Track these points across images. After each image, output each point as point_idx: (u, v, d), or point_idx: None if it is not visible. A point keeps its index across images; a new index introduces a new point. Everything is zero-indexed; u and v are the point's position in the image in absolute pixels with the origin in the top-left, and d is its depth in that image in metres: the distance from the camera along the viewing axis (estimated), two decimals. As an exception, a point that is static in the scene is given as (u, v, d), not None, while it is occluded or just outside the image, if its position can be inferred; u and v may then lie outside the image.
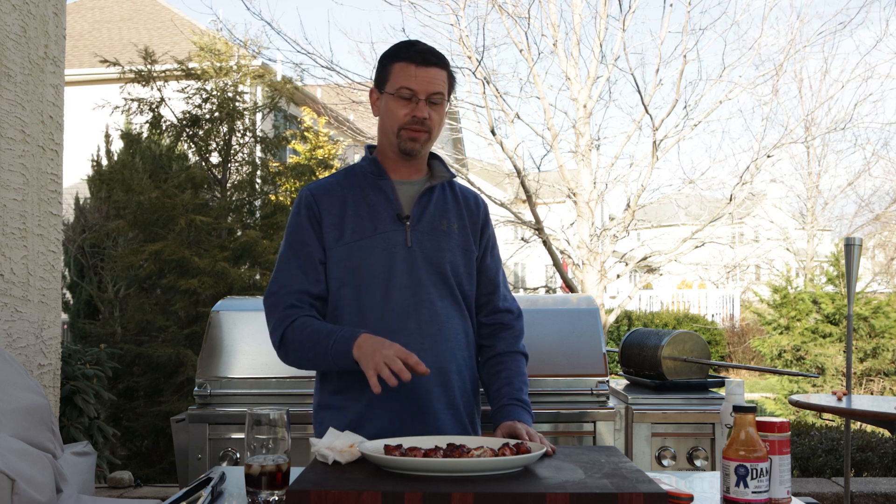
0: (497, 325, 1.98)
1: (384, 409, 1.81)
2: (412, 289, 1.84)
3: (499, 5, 7.29)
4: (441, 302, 1.87)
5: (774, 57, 10.90)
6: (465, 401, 1.91)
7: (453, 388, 1.87)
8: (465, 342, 1.92)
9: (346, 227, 1.87)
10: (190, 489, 1.48)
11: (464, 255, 1.92)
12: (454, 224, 1.92)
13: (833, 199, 15.76)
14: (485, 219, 2.00)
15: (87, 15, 15.23)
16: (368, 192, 1.90)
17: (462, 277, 1.91)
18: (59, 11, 3.24)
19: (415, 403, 1.82)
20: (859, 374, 8.81)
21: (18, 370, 2.31)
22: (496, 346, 1.96)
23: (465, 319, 1.93)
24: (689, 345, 3.09)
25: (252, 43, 6.74)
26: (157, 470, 5.36)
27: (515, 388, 1.89)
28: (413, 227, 1.87)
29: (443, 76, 1.86)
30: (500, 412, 1.85)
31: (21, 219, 2.94)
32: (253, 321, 2.94)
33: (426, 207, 1.90)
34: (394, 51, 1.88)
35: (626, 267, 8.09)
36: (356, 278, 1.85)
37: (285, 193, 6.58)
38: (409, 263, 1.85)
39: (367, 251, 1.84)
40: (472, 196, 2.01)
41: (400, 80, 1.83)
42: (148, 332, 5.70)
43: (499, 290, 2.00)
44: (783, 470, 1.43)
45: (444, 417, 1.85)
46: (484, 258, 1.98)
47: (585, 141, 7.44)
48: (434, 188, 1.94)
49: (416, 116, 1.83)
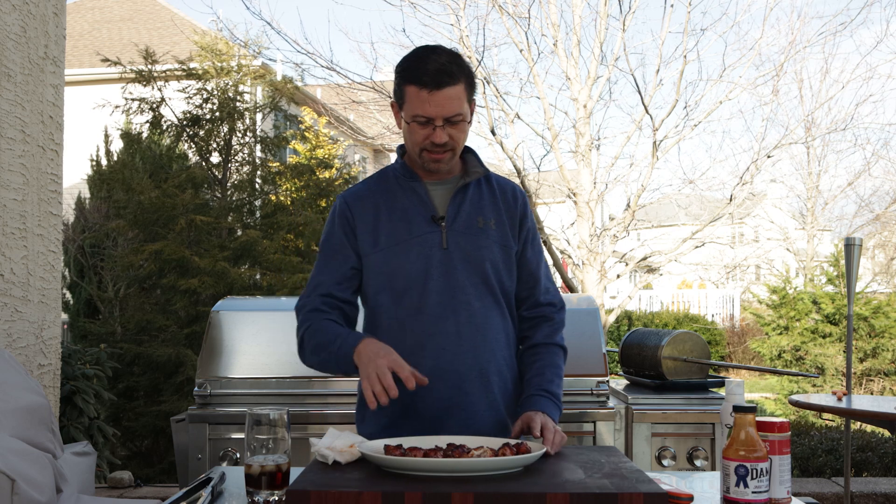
0: (538, 318, 1.96)
1: (424, 409, 1.80)
2: (449, 291, 1.83)
3: (499, 5, 7.29)
4: (479, 302, 1.84)
5: (775, 57, 10.92)
6: (507, 401, 1.89)
7: (493, 388, 1.86)
8: (505, 342, 1.90)
9: (380, 233, 1.85)
10: (190, 489, 1.48)
11: (502, 252, 1.88)
12: (491, 220, 1.88)
13: (833, 199, 15.76)
14: (523, 210, 1.95)
15: (87, 15, 15.23)
16: (402, 196, 1.88)
17: (502, 274, 1.88)
18: (59, 11, 3.24)
19: (454, 406, 1.81)
20: (859, 374, 8.81)
21: (18, 370, 2.31)
22: (534, 338, 1.94)
23: (506, 318, 1.91)
24: (689, 345, 3.09)
25: (252, 43, 6.74)
26: (157, 470, 5.36)
27: (546, 378, 1.87)
28: (449, 228, 1.84)
29: (458, 92, 1.76)
30: (525, 402, 1.83)
31: (21, 219, 2.94)
32: (253, 321, 2.94)
33: (461, 206, 1.87)
34: (406, 69, 1.78)
35: (626, 267, 8.09)
36: (393, 284, 1.84)
37: (285, 193, 6.58)
38: (446, 265, 1.83)
39: (403, 256, 1.83)
40: (509, 187, 1.96)
41: (414, 106, 1.76)
42: (148, 332, 5.69)
43: (540, 284, 1.96)
44: (783, 470, 1.43)
45: (484, 417, 1.83)
46: (524, 251, 1.94)
47: (585, 141, 7.44)
48: (468, 185, 1.90)
49: (434, 143, 1.78)
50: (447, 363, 1.80)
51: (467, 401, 1.82)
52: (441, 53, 1.78)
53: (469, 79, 1.81)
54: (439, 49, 1.80)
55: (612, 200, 21.96)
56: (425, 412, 1.81)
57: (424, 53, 1.78)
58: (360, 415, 1.93)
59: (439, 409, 1.81)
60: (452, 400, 1.81)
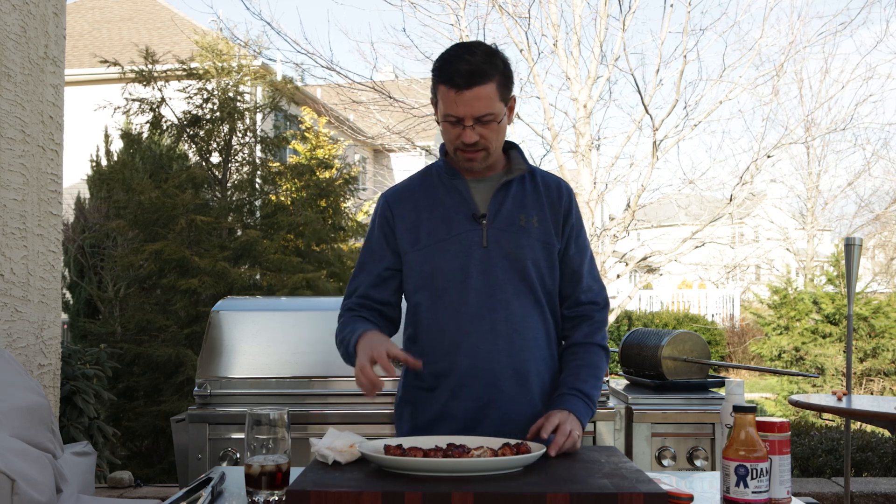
0: (579, 318, 1.93)
1: (462, 410, 1.81)
2: (488, 290, 1.81)
3: (499, 5, 7.29)
4: (518, 301, 1.83)
5: (775, 57, 10.92)
6: (546, 399, 1.87)
7: (532, 389, 1.84)
8: (545, 341, 1.88)
9: (421, 231, 1.85)
10: (190, 489, 1.48)
11: (545, 250, 1.86)
12: (534, 217, 1.85)
13: (833, 199, 15.76)
14: (568, 205, 1.91)
15: (87, 15, 15.23)
16: (443, 194, 1.87)
17: (544, 273, 1.86)
18: (59, 11, 3.24)
19: (490, 405, 1.80)
20: (859, 374, 8.81)
21: (18, 370, 2.31)
22: (573, 337, 1.92)
23: (546, 317, 1.88)
24: (689, 345, 3.09)
25: (253, 43, 6.74)
26: (157, 470, 5.36)
27: (580, 378, 1.84)
28: (490, 226, 1.82)
29: (488, 91, 1.73)
30: (554, 401, 1.81)
31: (21, 219, 2.94)
32: (253, 321, 2.94)
33: (503, 203, 1.85)
34: (439, 68, 1.76)
35: (626, 267, 8.09)
36: (432, 282, 1.83)
37: (285, 193, 6.58)
38: (485, 264, 1.81)
39: (442, 254, 1.82)
40: (554, 183, 1.93)
41: (445, 105, 1.75)
42: (148, 332, 5.70)
43: (582, 282, 1.92)
44: (783, 470, 1.43)
45: (521, 416, 1.81)
46: (567, 248, 1.90)
47: (585, 141, 7.44)
48: (512, 182, 1.87)
49: (464, 142, 1.76)
50: (483, 362, 1.79)
51: (503, 399, 1.80)
52: (476, 52, 1.74)
53: (504, 77, 1.77)
54: (475, 47, 1.76)
55: (612, 200, 21.95)
56: (461, 412, 1.81)
57: (458, 52, 1.76)
58: (398, 413, 1.94)
59: (475, 409, 1.80)
60: (488, 398, 1.80)
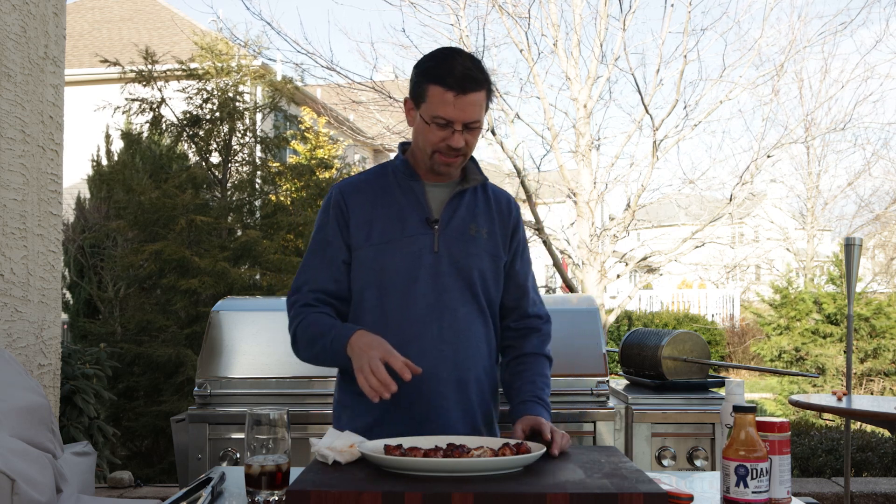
0: (525, 330, 1.95)
1: (400, 416, 1.80)
2: (435, 294, 1.82)
3: (499, 5, 7.29)
4: (464, 308, 1.84)
5: (775, 57, 10.91)
6: (484, 409, 1.89)
7: (471, 396, 1.85)
8: (486, 350, 1.89)
9: (373, 228, 1.84)
10: (190, 489, 1.48)
11: (492, 261, 1.88)
12: (483, 229, 1.88)
13: (833, 199, 15.76)
14: (516, 222, 1.95)
15: (87, 15, 15.23)
16: (399, 194, 1.87)
17: (489, 283, 1.88)
18: (59, 11, 3.24)
19: (431, 411, 1.80)
20: (860, 375, 8.81)
21: (18, 370, 2.31)
22: (523, 348, 1.94)
23: (489, 326, 1.90)
24: (689, 345, 3.08)
25: (253, 43, 6.74)
26: (157, 470, 5.36)
27: (538, 387, 1.86)
28: (441, 232, 1.84)
29: (481, 98, 1.77)
30: (521, 407, 1.82)
31: (21, 219, 2.94)
32: (253, 321, 2.94)
33: (456, 211, 1.86)
34: (431, 69, 1.76)
35: (626, 267, 8.08)
36: (380, 281, 1.83)
37: (285, 193, 6.58)
38: (434, 268, 1.82)
39: (393, 254, 1.82)
40: (504, 198, 1.96)
41: (436, 107, 1.74)
42: (148, 332, 5.70)
43: (528, 296, 1.96)
44: (783, 470, 1.43)
45: (459, 425, 1.82)
46: (513, 263, 1.94)
47: (585, 141, 7.44)
48: (465, 191, 1.89)
49: (450, 146, 1.77)
50: (428, 366, 1.78)
51: (444, 406, 1.80)
52: (466, 58, 1.77)
53: (489, 87, 1.80)
54: (463, 52, 1.79)
55: (612, 200, 21.95)
56: (399, 416, 1.79)
57: (451, 55, 1.77)
58: (336, 416, 1.92)
59: (416, 413, 1.79)
60: (429, 403, 1.80)
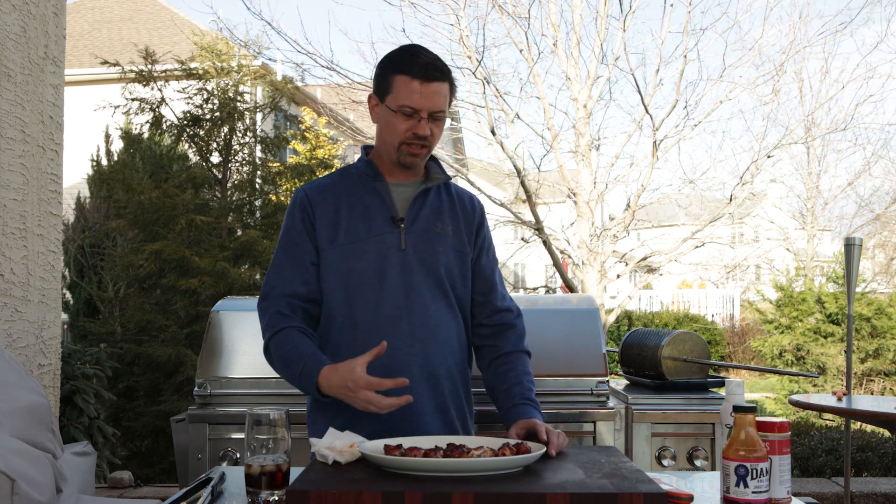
0: (500, 326, 1.96)
1: (374, 414, 1.77)
2: (405, 291, 1.83)
3: (499, 5, 7.29)
4: (434, 305, 1.86)
5: (775, 57, 10.90)
6: (457, 405, 1.90)
7: (443, 391, 1.87)
8: (457, 346, 1.91)
9: (339, 228, 1.86)
10: (190, 489, 1.48)
11: (458, 258, 1.91)
12: (448, 226, 1.91)
13: (833, 199, 15.76)
14: (480, 219, 1.99)
15: (87, 15, 15.23)
16: (363, 194, 1.89)
17: (456, 280, 1.90)
18: (59, 11, 3.23)
19: (404, 408, 1.77)
20: (860, 375, 8.80)
21: (18, 370, 2.31)
22: (501, 347, 1.94)
23: (459, 322, 1.92)
24: (689, 345, 3.09)
25: (253, 43, 6.74)
26: (157, 470, 5.36)
27: (525, 387, 1.87)
28: (407, 230, 1.86)
29: (445, 89, 1.82)
30: (514, 411, 1.83)
31: (21, 219, 2.94)
32: (253, 321, 2.92)
33: (421, 210, 1.89)
34: (396, 61, 1.82)
35: (626, 267, 8.08)
36: (349, 281, 1.84)
37: (285, 193, 6.58)
38: (403, 266, 1.84)
39: (360, 253, 1.84)
40: (467, 197, 2.00)
41: (401, 96, 1.79)
42: (148, 332, 5.70)
43: (496, 290, 1.98)
44: (783, 470, 1.43)
45: (432, 421, 1.84)
46: (479, 258, 1.97)
47: (585, 141, 7.44)
48: (429, 190, 1.93)
49: (417, 134, 1.81)
50: (400, 364, 1.79)
51: (417, 402, 1.79)
52: (429, 52, 1.84)
53: (452, 81, 1.87)
54: (425, 48, 1.86)
55: (612, 200, 21.93)
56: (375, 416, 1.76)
57: (414, 48, 1.84)
58: (311, 418, 1.92)
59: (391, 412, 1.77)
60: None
